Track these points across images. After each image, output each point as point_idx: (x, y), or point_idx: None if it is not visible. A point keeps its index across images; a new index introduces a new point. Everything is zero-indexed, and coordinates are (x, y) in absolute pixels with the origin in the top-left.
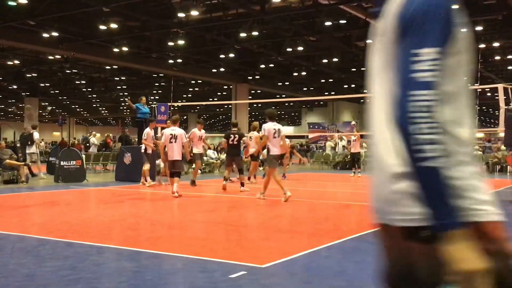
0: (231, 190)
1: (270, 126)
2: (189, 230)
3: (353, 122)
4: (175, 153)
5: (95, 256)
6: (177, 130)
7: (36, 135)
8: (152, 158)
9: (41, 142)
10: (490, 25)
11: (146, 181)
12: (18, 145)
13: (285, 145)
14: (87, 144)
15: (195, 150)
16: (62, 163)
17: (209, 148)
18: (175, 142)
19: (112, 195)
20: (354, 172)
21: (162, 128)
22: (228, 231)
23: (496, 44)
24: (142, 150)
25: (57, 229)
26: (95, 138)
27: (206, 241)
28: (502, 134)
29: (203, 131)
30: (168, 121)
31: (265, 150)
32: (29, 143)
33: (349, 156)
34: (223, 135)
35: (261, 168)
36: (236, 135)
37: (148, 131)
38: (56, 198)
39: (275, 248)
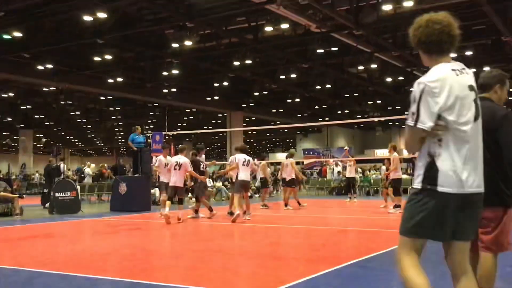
0: (226, 218)
1: (240, 157)
2: (185, 260)
3: (346, 148)
4: (178, 180)
5: None
6: (182, 159)
7: (62, 166)
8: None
9: (68, 171)
10: (480, 50)
11: (164, 211)
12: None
13: (266, 172)
14: (82, 175)
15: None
16: (56, 194)
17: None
18: (179, 169)
19: (107, 226)
20: (350, 198)
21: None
22: (225, 259)
23: (486, 68)
24: (155, 179)
25: (52, 262)
26: (90, 169)
27: (203, 271)
28: None
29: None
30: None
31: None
32: (57, 175)
33: (344, 181)
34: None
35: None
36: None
37: (160, 159)
38: (50, 230)
39: (272, 276)
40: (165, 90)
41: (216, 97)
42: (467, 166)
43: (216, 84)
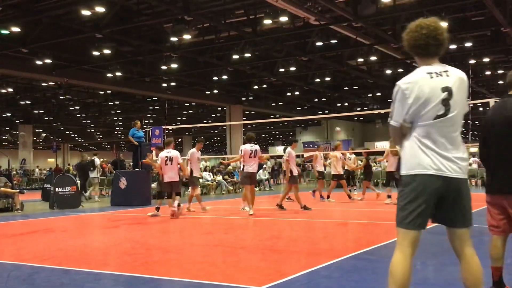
0: (226, 212)
1: (246, 147)
2: (185, 254)
3: (337, 142)
4: (173, 174)
5: (91, 283)
6: (172, 152)
7: (97, 161)
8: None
9: (69, 166)
10: (479, 41)
11: (203, 208)
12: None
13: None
14: (91, 168)
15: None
16: (57, 189)
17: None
18: (171, 164)
19: (107, 221)
20: (350, 190)
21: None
22: (225, 253)
23: (486, 60)
24: (188, 174)
25: (53, 256)
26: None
27: (203, 264)
28: None
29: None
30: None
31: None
32: (91, 168)
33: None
34: (219, 156)
35: (257, 189)
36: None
37: (193, 151)
38: (51, 225)
39: (273, 269)
40: (164, 84)
41: (215, 91)
42: (430, 153)
43: (215, 78)
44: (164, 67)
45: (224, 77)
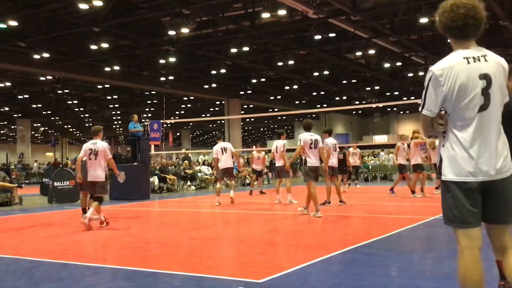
0: (224, 205)
1: (306, 137)
2: (184, 247)
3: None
4: (97, 172)
5: (90, 277)
6: (98, 144)
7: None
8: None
9: (67, 160)
10: None
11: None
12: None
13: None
14: None
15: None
16: (55, 183)
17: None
18: (95, 158)
19: (106, 214)
20: (356, 184)
21: (156, 146)
22: (223, 247)
23: None
24: (280, 164)
25: (51, 250)
26: None
27: (202, 258)
28: None
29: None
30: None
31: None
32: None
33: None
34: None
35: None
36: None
37: (282, 143)
38: (50, 219)
39: (271, 262)
40: (162, 78)
41: (213, 85)
42: (474, 154)
43: (213, 72)
44: (162, 61)
45: (222, 71)
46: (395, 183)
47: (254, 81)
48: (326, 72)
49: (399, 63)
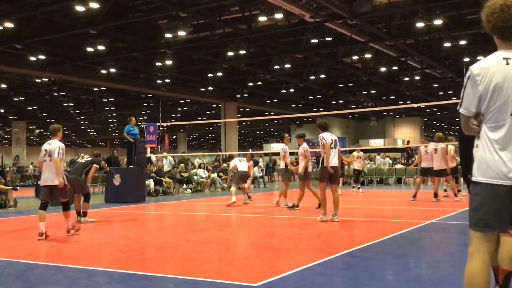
0: (223, 209)
1: (327, 136)
2: (180, 251)
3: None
4: (51, 176)
5: (85, 280)
6: (53, 144)
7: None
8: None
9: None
10: (474, 39)
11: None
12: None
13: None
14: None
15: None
16: None
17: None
18: (50, 160)
19: (101, 217)
20: (358, 188)
21: (152, 149)
22: (219, 250)
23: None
24: (282, 166)
25: (46, 253)
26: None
27: (198, 261)
28: None
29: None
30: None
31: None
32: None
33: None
34: (213, 153)
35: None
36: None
37: (284, 147)
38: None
39: (267, 266)
40: (159, 81)
41: (210, 88)
42: (505, 158)
43: (210, 75)
44: (158, 64)
45: (219, 74)
46: (417, 188)
47: (250, 84)
48: (322, 76)
49: (395, 67)
